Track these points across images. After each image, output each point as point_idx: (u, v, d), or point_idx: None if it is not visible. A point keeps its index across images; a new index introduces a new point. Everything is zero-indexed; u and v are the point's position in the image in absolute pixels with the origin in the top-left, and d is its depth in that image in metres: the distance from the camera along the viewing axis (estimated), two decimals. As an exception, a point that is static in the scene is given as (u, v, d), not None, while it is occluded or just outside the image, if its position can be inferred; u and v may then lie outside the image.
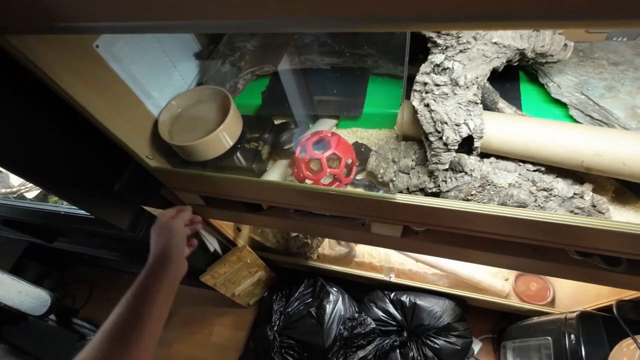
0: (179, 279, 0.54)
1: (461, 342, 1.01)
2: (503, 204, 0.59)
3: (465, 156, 0.59)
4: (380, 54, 0.70)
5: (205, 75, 0.80)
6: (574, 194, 0.56)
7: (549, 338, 0.82)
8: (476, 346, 1.12)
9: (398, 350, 1.03)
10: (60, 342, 1.32)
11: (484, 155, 0.61)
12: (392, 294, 1.10)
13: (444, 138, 0.50)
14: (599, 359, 0.70)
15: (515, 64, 0.56)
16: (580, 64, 0.64)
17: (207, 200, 0.84)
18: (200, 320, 1.37)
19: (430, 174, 0.61)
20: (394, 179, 0.63)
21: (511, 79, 0.69)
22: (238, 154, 0.71)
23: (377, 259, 1.20)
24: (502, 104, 0.61)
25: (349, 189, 0.67)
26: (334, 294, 1.13)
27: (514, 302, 1.04)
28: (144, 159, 0.68)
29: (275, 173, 0.71)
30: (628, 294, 0.73)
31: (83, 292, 1.58)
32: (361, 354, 1.00)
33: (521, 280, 1.07)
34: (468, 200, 0.60)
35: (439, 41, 0.49)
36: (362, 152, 0.72)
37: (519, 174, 0.58)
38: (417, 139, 0.63)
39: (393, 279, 1.09)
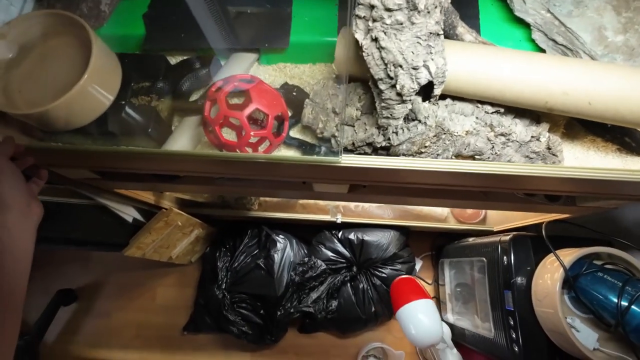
0: (31, 225, 0.39)
1: (406, 267, 1.08)
2: (458, 153, 0.52)
3: (419, 100, 0.49)
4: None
5: (44, -7, 0.52)
6: (532, 137, 0.50)
7: (484, 259, 0.88)
8: (417, 264, 1.21)
9: (349, 284, 1.06)
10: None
11: (440, 96, 0.51)
12: (340, 233, 1.09)
13: (397, 87, 0.38)
14: (527, 275, 0.77)
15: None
16: (548, -30, 0.52)
17: (103, 173, 0.64)
18: (139, 285, 1.27)
19: (379, 125, 0.50)
20: (336, 134, 0.51)
21: (469, -8, 0.56)
22: (124, 114, 0.51)
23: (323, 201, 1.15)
24: (461, 28, 0.49)
25: (282, 152, 0.54)
26: (280, 242, 1.08)
27: (452, 224, 1.09)
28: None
29: (183, 137, 0.54)
30: (553, 216, 0.78)
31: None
32: (314, 295, 1.02)
33: (458, 202, 1.12)
34: (421, 153, 0.52)
35: (391, -63, 0.32)
36: (293, 97, 0.57)
37: (477, 118, 0.50)
38: (363, 79, 0.50)
39: (340, 219, 1.06)
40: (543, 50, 0.52)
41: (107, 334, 1.22)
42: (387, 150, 0.53)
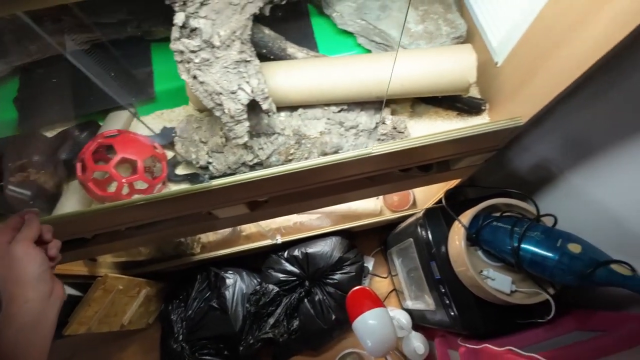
0: (53, 312, 0.36)
1: (355, 268, 1.11)
2: (324, 153, 0.59)
3: (274, 115, 0.55)
4: (143, 16, 0.56)
5: None
6: (376, 123, 0.58)
7: (411, 239, 0.94)
8: (369, 263, 1.26)
9: (305, 300, 1.08)
10: None
11: (293, 108, 0.58)
12: (286, 253, 1.12)
13: (226, 111, 0.44)
14: (444, 243, 0.83)
15: (284, 1, 0.51)
16: (356, -13, 0.63)
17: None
18: (102, 363, 1.21)
19: (245, 145, 0.56)
20: (211, 160, 0.56)
21: (301, 16, 0.65)
22: (3, 196, 0.54)
23: (263, 225, 1.18)
24: (291, 48, 0.57)
25: (165, 190, 0.57)
26: (230, 277, 1.09)
27: (387, 215, 1.16)
28: None
29: (72, 200, 0.57)
30: (451, 184, 0.86)
31: None
32: (272, 320, 1.02)
33: (387, 195, 1.19)
34: (290, 160, 0.58)
35: (173, -5, 0.39)
36: (173, 137, 0.62)
37: (327, 119, 0.57)
38: (219, 110, 0.56)
39: (280, 240, 1.09)
40: (369, 51, 0.61)
41: None
42: (261, 166, 0.58)
